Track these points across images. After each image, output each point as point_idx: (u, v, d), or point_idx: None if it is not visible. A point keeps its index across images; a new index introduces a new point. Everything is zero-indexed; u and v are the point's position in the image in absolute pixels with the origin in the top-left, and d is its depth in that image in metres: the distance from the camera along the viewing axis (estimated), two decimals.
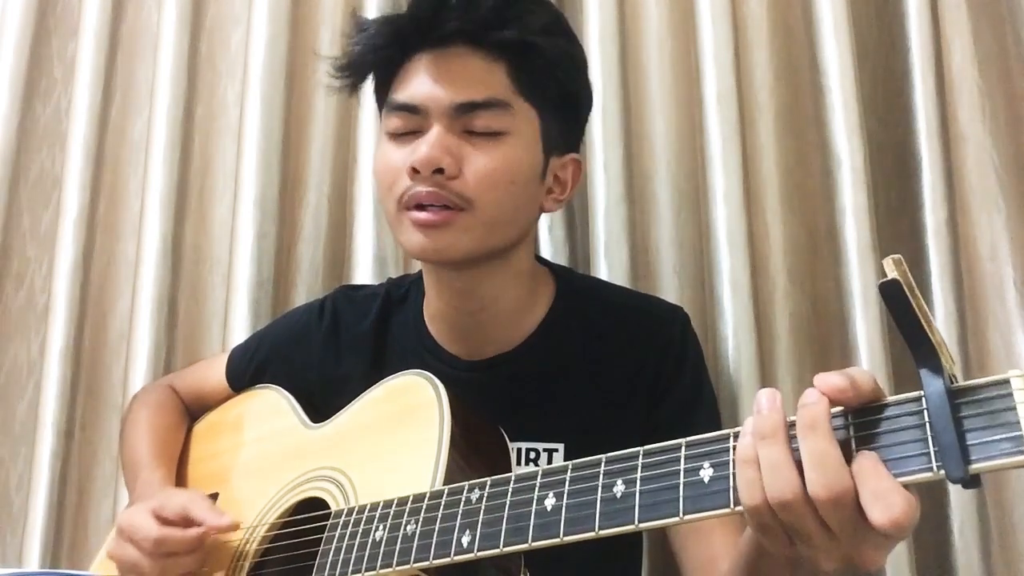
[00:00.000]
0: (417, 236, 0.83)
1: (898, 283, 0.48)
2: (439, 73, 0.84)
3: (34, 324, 1.37)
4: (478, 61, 0.84)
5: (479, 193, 0.82)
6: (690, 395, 0.95)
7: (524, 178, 0.85)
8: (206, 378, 1.12)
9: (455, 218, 0.82)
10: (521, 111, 0.85)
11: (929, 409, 0.49)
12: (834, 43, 1.19)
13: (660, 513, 0.55)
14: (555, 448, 0.92)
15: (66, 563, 1.29)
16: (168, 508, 0.83)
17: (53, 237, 1.36)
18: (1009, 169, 1.17)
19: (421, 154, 0.81)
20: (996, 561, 1.10)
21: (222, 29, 1.42)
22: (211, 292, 1.36)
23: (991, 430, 0.46)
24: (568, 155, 0.92)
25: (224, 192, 1.37)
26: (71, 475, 1.31)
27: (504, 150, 0.83)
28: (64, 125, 1.40)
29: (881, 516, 0.49)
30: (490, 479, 0.66)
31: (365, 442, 0.85)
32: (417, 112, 0.84)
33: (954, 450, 0.47)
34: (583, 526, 0.58)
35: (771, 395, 0.55)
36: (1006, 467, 0.46)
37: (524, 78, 0.85)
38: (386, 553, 0.69)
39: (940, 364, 0.49)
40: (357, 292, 1.08)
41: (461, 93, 0.83)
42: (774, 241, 1.23)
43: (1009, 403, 0.46)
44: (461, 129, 0.83)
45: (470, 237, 0.83)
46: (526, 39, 0.84)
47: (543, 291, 0.97)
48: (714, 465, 0.55)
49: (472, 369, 0.95)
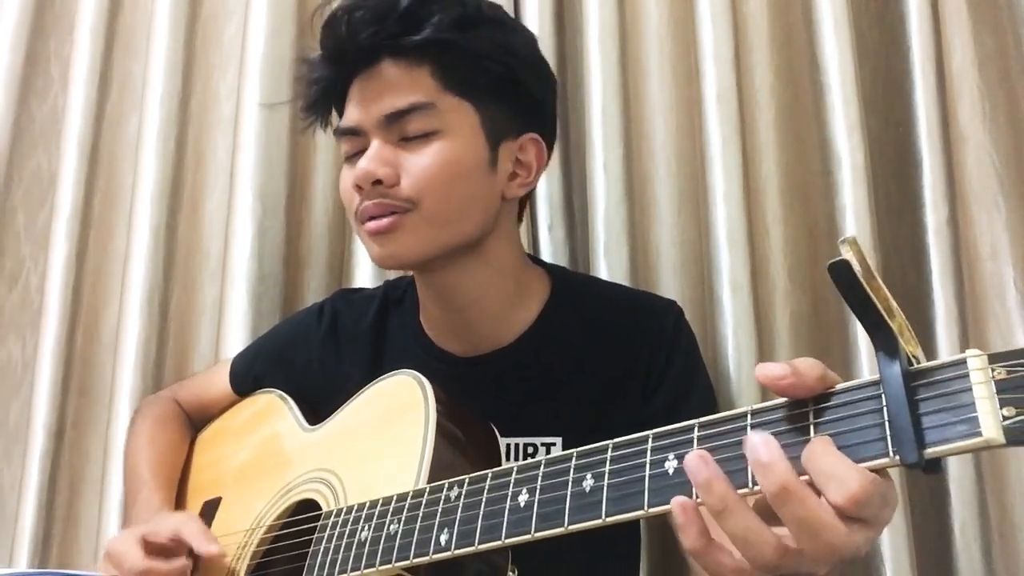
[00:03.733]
0: (373, 247, 0.87)
1: (846, 263, 0.47)
2: (367, 91, 0.87)
3: (29, 323, 1.36)
4: (400, 70, 0.86)
5: (420, 193, 0.84)
6: (684, 385, 0.95)
7: (466, 171, 0.86)
8: (209, 386, 1.13)
9: (401, 221, 0.84)
10: (450, 107, 0.86)
11: (886, 393, 0.47)
12: (834, 43, 1.19)
13: (626, 506, 0.54)
14: (553, 442, 0.92)
15: (55, 562, 1.28)
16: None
17: (48, 235, 1.35)
18: (1009, 169, 1.17)
19: (358, 170, 0.85)
20: (997, 561, 1.10)
21: (216, 22, 1.42)
22: (202, 286, 1.36)
23: (947, 412, 0.45)
24: (524, 136, 0.91)
25: (216, 185, 1.37)
26: (61, 475, 1.30)
27: (437, 147, 0.85)
28: (60, 123, 1.38)
29: (836, 494, 0.47)
30: (468, 477, 0.66)
31: (356, 443, 0.85)
32: (358, 133, 0.87)
33: (908, 434, 0.45)
34: (554, 521, 0.58)
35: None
36: (961, 451, 0.44)
37: (449, 75, 0.86)
38: (370, 553, 0.69)
39: (897, 346, 0.47)
40: (355, 295, 1.10)
41: (387, 105, 0.85)
42: (774, 241, 1.23)
43: (965, 384, 0.45)
44: (397, 138, 0.86)
45: (418, 237, 0.85)
46: (440, 38, 0.85)
47: (536, 288, 0.98)
48: (678, 456, 0.54)
49: (467, 365, 0.95)
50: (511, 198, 0.92)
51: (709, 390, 0.99)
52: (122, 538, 0.85)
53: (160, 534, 0.84)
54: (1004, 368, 0.44)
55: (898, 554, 1.07)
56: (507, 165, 0.90)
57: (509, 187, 0.91)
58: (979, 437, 0.43)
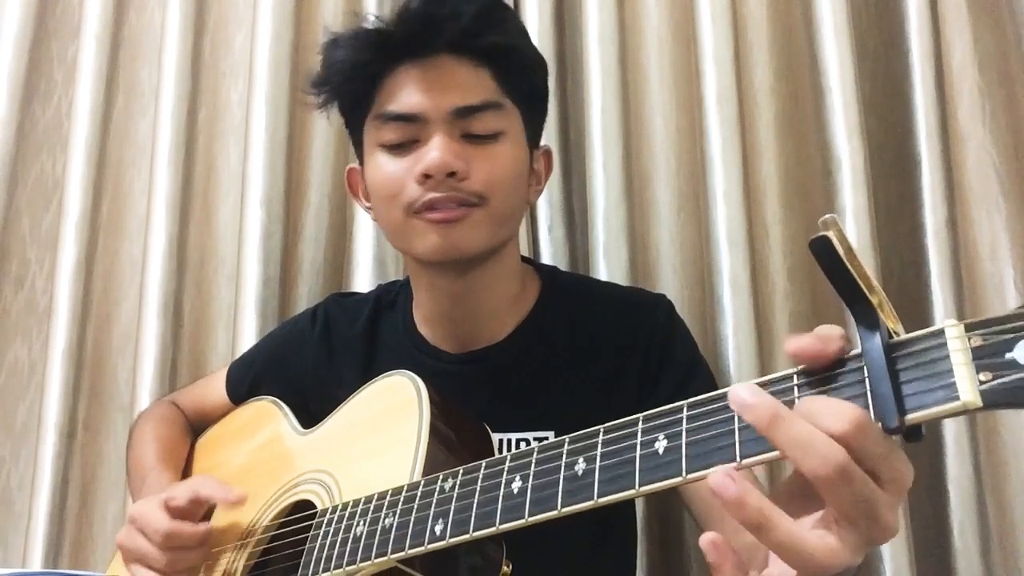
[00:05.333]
0: (432, 236, 0.86)
1: (827, 239, 0.47)
2: (431, 82, 0.86)
3: (35, 326, 1.37)
4: (465, 68, 0.87)
5: (491, 190, 0.86)
6: (683, 375, 0.95)
7: (520, 173, 0.91)
8: (207, 393, 1.14)
9: (470, 213, 0.86)
10: (510, 110, 0.90)
11: (867, 364, 0.48)
12: (834, 43, 1.19)
13: (618, 486, 0.55)
14: (545, 437, 0.92)
15: (68, 563, 1.29)
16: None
17: (54, 239, 1.36)
18: (1009, 169, 1.17)
19: (433, 159, 0.84)
20: (996, 562, 1.11)
21: (225, 30, 1.43)
22: (217, 292, 1.37)
23: (926, 380, 0.46)
24: (540, 148, 0.98)
25: (229, 193, 1.38)
26: (73, 476, 1.31)
27: (503, 148, 0.88)
28: (65, 127, 1.39)
29: (835, 423, 0.46)
30: (462, 468, 0.67)
31: (350, 443, 0.86)
32: (414, 121, 0.86)
33: (889, 401, 0.46)
34: (546, 505, 0.58)
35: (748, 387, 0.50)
36: (941, 415, 0.45)
37: (508, 80, 0.89)
38: (366, 547, 0.70)
39: (877, 320, 0.48)
40: (347, 299, 1.11)
41: (458, 99, 0.86)
42: (774, 241, 1.23)
43: (943, 352, 0.46)
44: (459, 133, 0.86)
45: (483, 231, 0.87)
46: (505, 43, 0.89)
47: (529, 286, 1.00)
48: (668, 436, 0.54)
49: (461, 362, 0.96)
50: (530, 203, 0.99)
51: (710, 377, 0.99)
52: (144, 503, 0.86)
53: (178, 496, 0.85)
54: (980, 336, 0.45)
55: (897, 554, 1.08)
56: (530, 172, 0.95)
57: (530, 192, 0.96)
58: (957, 401, 0.44)
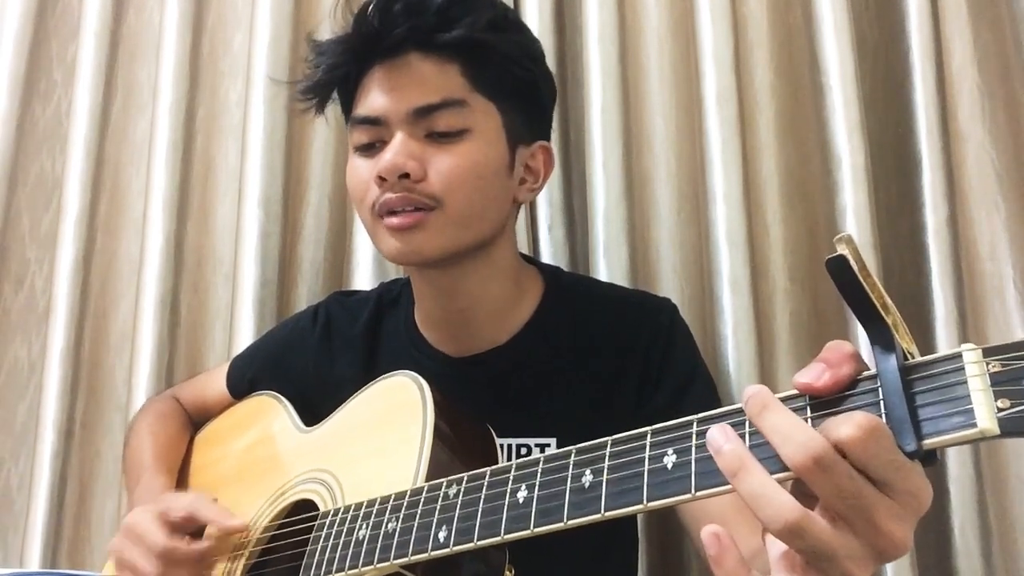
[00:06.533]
0: (392, 241, 0.85)
1: (844, 259, 0.47)
2: (393, 82, 0.85)
3: (34, 325, 1.37)
4: (430, 65, 0.85)
5: (447, 192, 0.83)
6: (683, 380, 0.95)
7: (490, 172, 0.86)
8: (208, 388, 1.13)
9: (426, 218, 0.84)
10: (479, 107, 0.86)
11: (882, 386, 0.48)
12: (834, 43, 1.19)
13: (625, 501, 0.55)
14: (547, 443, 0.92)
15: (67, 563, 1.29)
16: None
17: (53, 238, 1.36)
18: (1009, 169, 1.17)
19: (385, 162, 0.83)
20: (997, 562, 1.10)
21: (224, 29, 1.42)
22: (214, 292, 1.37)
23: (943, 404, 0.45)
24: (536, 143, 0.93)
25: (227, 192, 1.38)
26: (71, 474, 1.31)
27: (466, 147, 0.85)
28: (64, 126, 1.40)
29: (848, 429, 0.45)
30: (467, 475, 0.66)
31: (353, 443, 0.86)
32: (378, 123, 0.86)
33: (906, 423, 0.46)
34: (553, 517, 0.58)
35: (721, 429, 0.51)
36: (958, 442, 0.45)
37: (478, 75, 0.86)
38: (368, 551, 0.69)
39: (893, 341, 0.48)
40: (349, 298, 1.10)
41: (417, 98, 0.84)
42: (774, 241, 1.23)
43: (960, 377, 0.45)
44: (423, 133, 0.85)
45: (442, 235, 0.85)
46: (474, 37, 0.85)
47: (531, 287, 0.98)
48: (677, 452, 0.54)
49: (462, 365, 0.95)
50: (520, 202, 0.94)
51: (710, 384, 0.99)
52: (140, 514, 0.85)
53: (173, 511, 0.84)
54: (998, 361, 0.45)
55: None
56: (519, 169, 0.91)
57: (520, 191, 0.92)
58: (974, 428, 0.44)
